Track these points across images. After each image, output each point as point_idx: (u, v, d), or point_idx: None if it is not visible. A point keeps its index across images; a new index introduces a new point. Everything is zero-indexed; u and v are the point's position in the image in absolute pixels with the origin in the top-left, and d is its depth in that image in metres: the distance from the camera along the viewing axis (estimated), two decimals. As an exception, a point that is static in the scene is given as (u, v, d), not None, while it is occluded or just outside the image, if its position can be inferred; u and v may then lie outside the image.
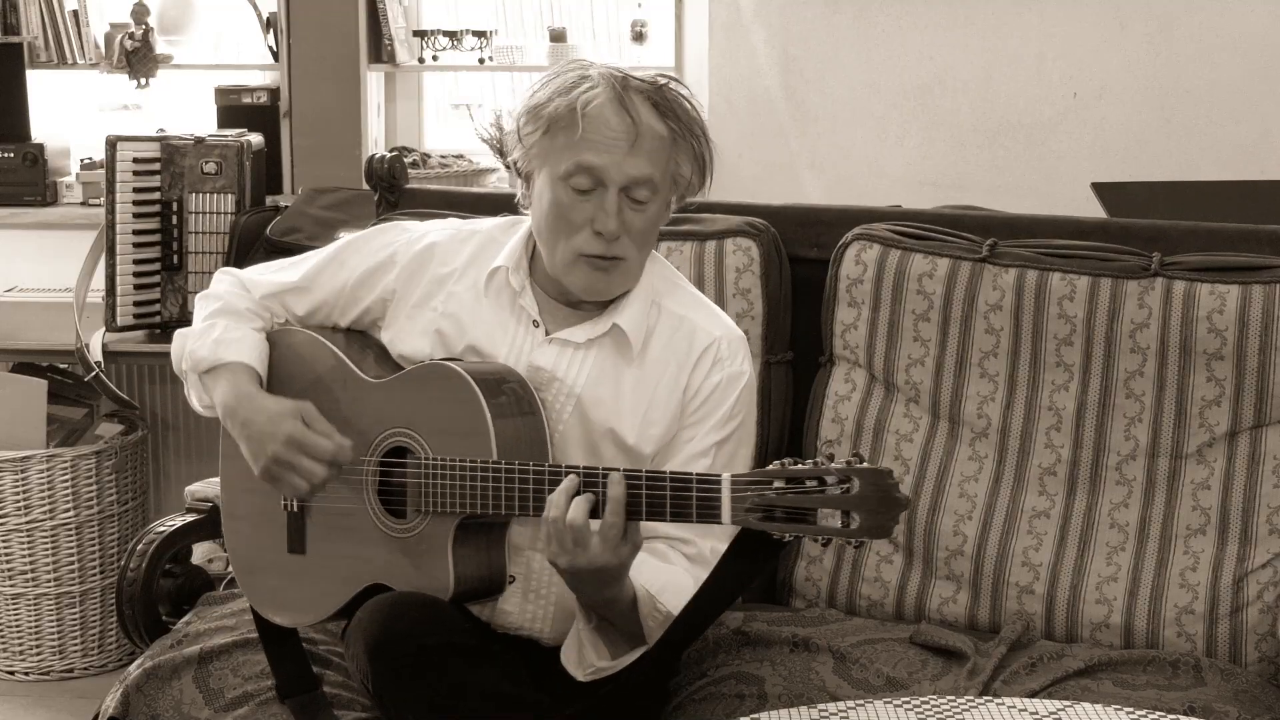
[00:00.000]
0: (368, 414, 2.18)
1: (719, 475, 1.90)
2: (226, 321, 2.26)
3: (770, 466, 1.86)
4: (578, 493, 1.95)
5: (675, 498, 1.92)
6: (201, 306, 2.31)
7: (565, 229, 2.13)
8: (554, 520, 1.94)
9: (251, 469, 2.19)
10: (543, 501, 1.99)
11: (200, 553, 3.10)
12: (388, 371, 2.22)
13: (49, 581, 3.76)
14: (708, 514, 1.90)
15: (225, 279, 2.34)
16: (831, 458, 1.84)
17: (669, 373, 2.20)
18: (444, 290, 2.25)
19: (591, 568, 1.95)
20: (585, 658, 2.07)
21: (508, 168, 2.24)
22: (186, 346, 2.26)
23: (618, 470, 1.95)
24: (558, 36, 4.49)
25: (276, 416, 2.13)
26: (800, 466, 1.84)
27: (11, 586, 3.76)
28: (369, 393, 2.19)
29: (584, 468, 1.99)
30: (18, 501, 3.70)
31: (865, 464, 1.82)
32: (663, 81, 2.16)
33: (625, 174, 2.10)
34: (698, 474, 1.92)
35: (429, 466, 2.09)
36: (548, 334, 2.20)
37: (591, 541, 1.93)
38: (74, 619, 3.80)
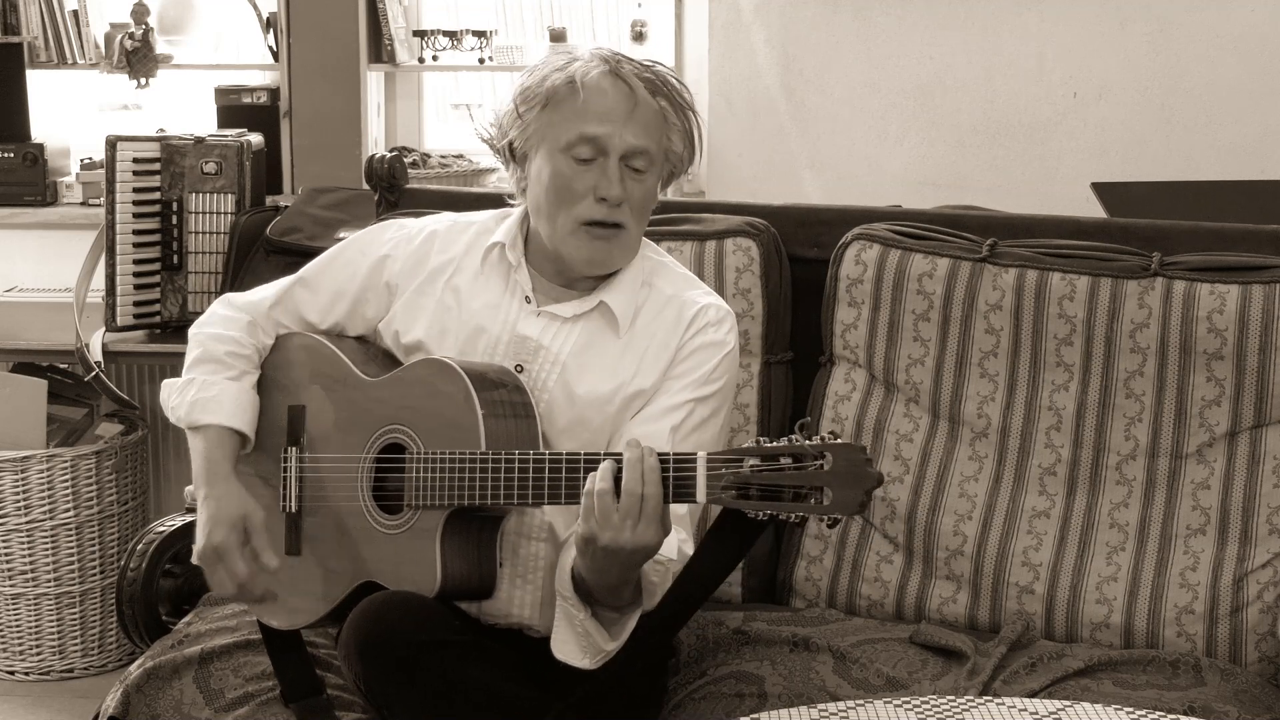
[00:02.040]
0: (365, 412, 2.18)
1: (694, 454, 1.91)
2: (204, 376, 2.25)
3: (746, 444, 1.88)
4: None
5: None
6: (189, 349, 2.30)
7: (568, 199, 2.17)
8: (602, 493, 1.92)
9: (250, 477, 2.23)
10: (526, 490, 2.00)
11: (200, 553, 3.09)
12: (385, 370, 2.23)
13: (49, 581, 3.76)
14: (683, 493, 1.91)
15: (218, 313, 2.32)
16: (808, 435, 1.85)
17: (657, 340, 2.22)
18: (444, 276, 2.27)
19: (634, 545, 1.93)
20: (593, 645, 2.06)
21: (504, 154, 2.26)
22: (167, 401, 2.27)
23: (618, 454, 1.95)
24: (558, 36, 4.49)
25: (220, 518, 2.14)
26: (775, 445, 1.85)
27: (11, 586, 3.76)
28: (366, 390, 2.20)
29: (585, 454, 1.99)
30: (18, 501, 3.70)
31: (839, 440, 1.84)
32: (651, 63, 2.24)
33: (626, 142, 2.16)
34: (675, 453, 1.93)
35: (419, 461, 2.10)
36: (537, 309, 2.23)
37: (641, 517, 1.92)
38: (74, 619, 3.80)
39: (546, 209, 2.20)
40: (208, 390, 2.24)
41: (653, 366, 2.21)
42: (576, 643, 2.07)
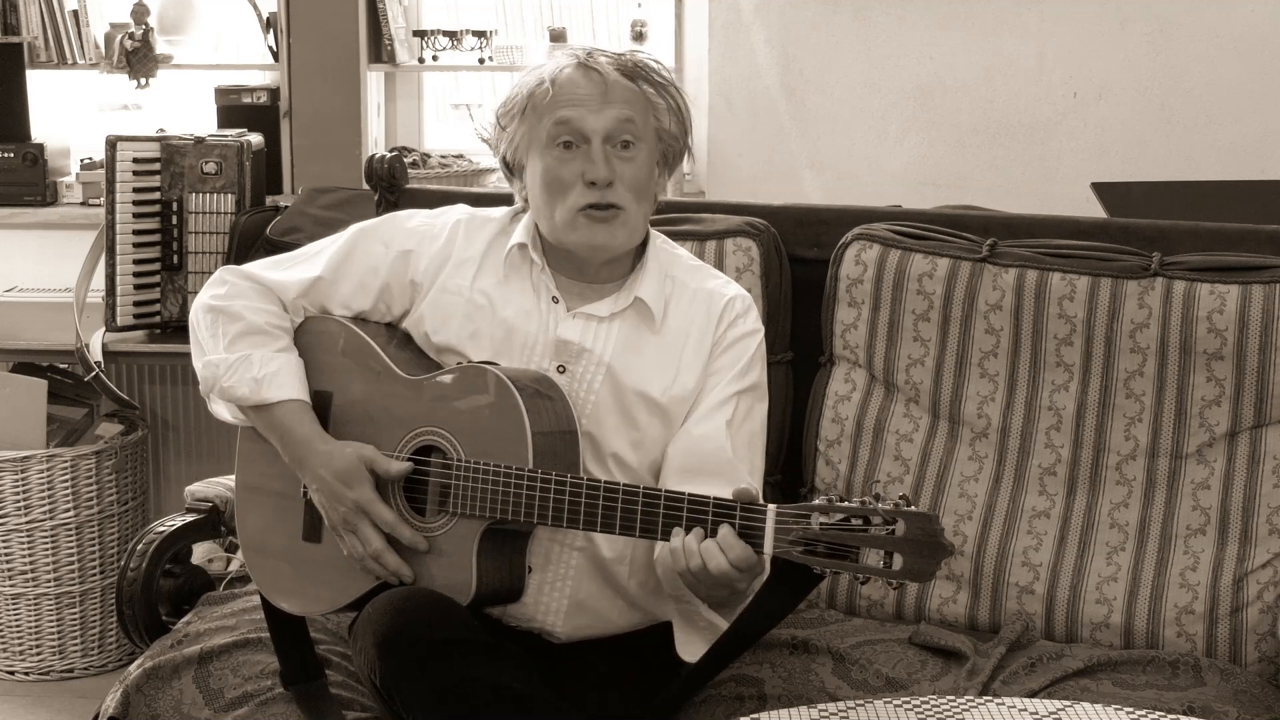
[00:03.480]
0: (399, 410, 2.18)
1: (764, 506, 1.93)
2: (259, 352, 2.22)
3: (817, 501, 1.89)
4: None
5: (717, 525, 1.95)
6: (215, 322, 2.25)
7: (559, 190, 2.19)
8: (698, 571, 1.95)
9: (269, 455, 2.23)
10: (576, 515, 2.02)
11: (200, 553, 3.09)
12: (422, 368, 2.22)
13: (49, 581, 3.76)
14: (749, 542, 1.94)
15: (240, 284, 2.28)
16: (878, 497, 1.86)
17: (692, 338, 2.25)
18: (469, 273, 2.27)
19: (746, 592, 1.99)
20: (717, 631, 2.09)
21: (503, 171, 2.28)
22: (218, 380, 2.22)
23: (679, 494, 1.99)
24: (558, 36, 4.49)
25: (344, 474, 2.14)
26: (847, 504, 1.86)
27: (11, 586, 3.76)
28: (402, 388, 2.19)
29: (645, 489, 2.01)
30: (18, 501, 3.70)
31: (913, 507, 1.84)
32: (628, 53, 2.25)
33: (605, 121, 2.17)
34: (742, 503, 1.94)
35: (461, 468, 2.10)
36: (569, 310, 2.24)
37: (740, 580, 1.96)
38: (74, 619, 3.80)
39: (543, 206, 2.21)
40: (268, 365, 2.21)
41: (693, 364, 2.25)
42: (703, 639, 2.10)
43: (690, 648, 2.11)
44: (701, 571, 1.94)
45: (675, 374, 2.23)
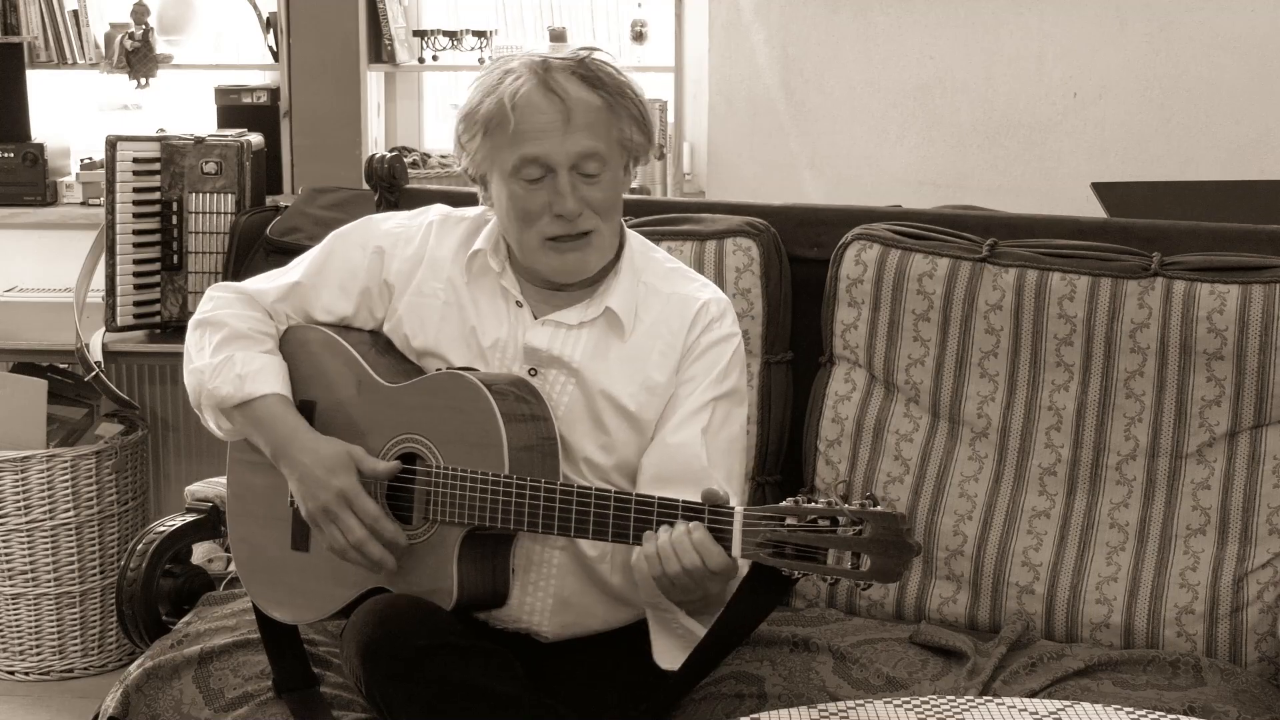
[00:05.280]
0: (380, 417, 2.18)
1: (732, 508, 1.92)
2: (241, 353, 2.23)
3: (784, 503, 1.88)
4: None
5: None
6: (202, 334, 2.27)
7: (526, 219, 2.17)
8: (674, 574, 1.95)
9: (255, 466, 2.23)
10: (551, 520, 2.02)
11: (200, 553, 3.10)
12: (403, 374, 2.22)
13: (49, 581, 3.76)
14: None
15: (225, 296, 2.31)
16: (845, 497, 1.85)
17: (662, 340, 2.23)
18: (442, 276, 2.27)
19: (721, 595, 1.99)
20: (693, 638, 2.08)
21: (466, 178, 2.27)
22: (204, 385, 2.23)
23: (650, 498, 1.99)
24: (558, 36, 4.48)
25: (330, 463, 2.13)
26: (814, 505, 1.86)
27: (11, 586, 3.76)
28: (382, 396, 2.19)
29: (616, 492, 2.02)
30: (18, 501, 3.70)
31: (879, 507, 1.84)
32: (584, 54, 2.19)
33: (569, 153, 2.13)
34: (710, 506, 1.94)
35: (439, 475, 2.10)
36: (535, 316, 2.23)
37: (712, 580, 1.96)
38: (74, 619, 3.80)
39: (512, 230, 2.21)
40: (250, 364, 2.22)
41: (660, 369, 2.23)
42: (680, 645, 2.09)
43: (667, 655, 2.10)
44: (676, 571, 1.94)
45: (643, 381, 2.22)
